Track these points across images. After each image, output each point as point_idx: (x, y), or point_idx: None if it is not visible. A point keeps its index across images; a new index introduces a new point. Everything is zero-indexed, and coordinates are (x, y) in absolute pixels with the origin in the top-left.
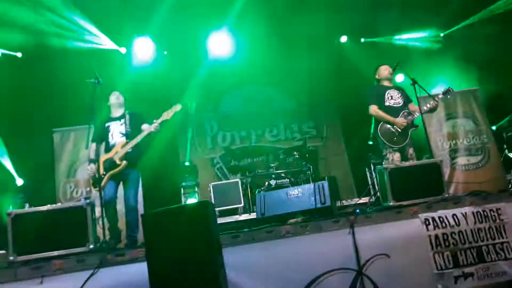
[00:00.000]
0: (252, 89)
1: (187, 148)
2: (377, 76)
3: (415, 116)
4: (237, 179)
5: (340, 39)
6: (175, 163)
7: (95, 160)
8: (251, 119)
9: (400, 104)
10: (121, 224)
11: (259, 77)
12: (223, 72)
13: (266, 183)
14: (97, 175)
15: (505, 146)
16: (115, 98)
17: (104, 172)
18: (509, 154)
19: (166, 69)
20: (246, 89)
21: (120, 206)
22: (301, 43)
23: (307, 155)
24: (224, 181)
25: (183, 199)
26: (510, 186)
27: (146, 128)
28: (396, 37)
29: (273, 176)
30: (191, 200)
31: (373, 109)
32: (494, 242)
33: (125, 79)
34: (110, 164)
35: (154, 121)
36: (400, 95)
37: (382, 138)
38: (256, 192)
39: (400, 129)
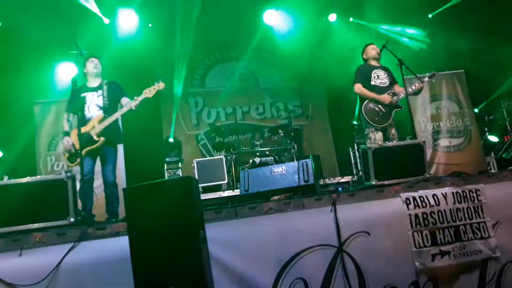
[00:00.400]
0: (238, 65)
1: (172, 124)
2: (364, 56)
3: (400, 96)
4: (222, 156)
5: (328, 17)
6: (158, 138)
7: (69, 133)
8: (237, 95)
9: (386, 84)
10: (98, 204)
11: (245, 53)
12: (209, 47)
13: (251, 160)
14: (73, 150)
15: (486, 129)
16: (93, 66)
17: (80, 148)
18: (489, 137)
19: (150, 43)
20: (232, 65)
21: (96, 182)
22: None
23: (292, 134)
24: (208, 158)
25: (166, 174)
26: (489, 168)
27: (125, 103)
28: (383, 26)
29: (257, 153)
30: (175, 176)
31: (358, 87)
32: (471, 222)
33: (107, 50)
34: (87, 140)
35: (135, 98)
36: (386, 75)
37: (365, 117)
38: (240, 169)
39: (384, 106)
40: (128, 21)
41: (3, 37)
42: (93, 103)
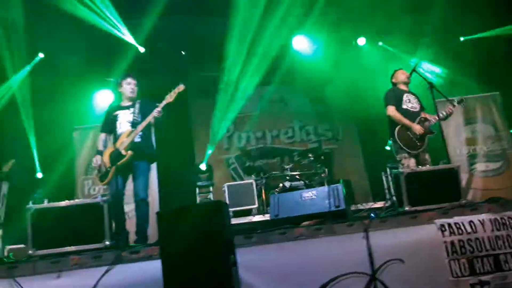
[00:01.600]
0: (267, 89)
1: (205, 147)
2: (393, 80)
3: (432, 122)
4: (252, 180)
5: (357, 40)
6: (191, 162)
7: (102, 152)
8: (266, 120)
9: (417, 109)
10: (129, 225)
11: (274, 77)
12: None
13: (281, 184)
14: (103, 169)
15: None
16: (129, 90)
17: (111, 165)
18: None
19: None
20: (262, 89)
21: (129, 206)
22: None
23: (322, 158)
24: (238, 182)
25: (198, 198)
26: None
27: (151, 113)
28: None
29: (287, 178)
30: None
31: (391, 109)
32: None
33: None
34: (116, 156)
35: (157, 105)
36: (417, 100)
37: (399, 142)
38: (270, 194)
39: (417, 135)
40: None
41: (45, 67)
42: (125, 120)
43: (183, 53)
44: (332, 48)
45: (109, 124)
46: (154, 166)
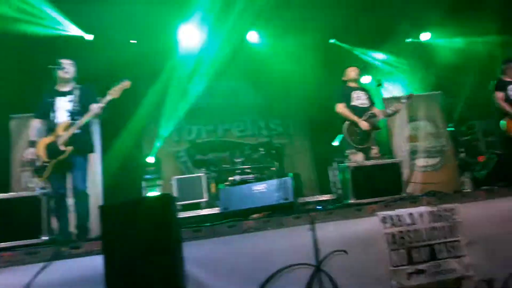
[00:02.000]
0: (219, 82)
1: (153, 140)
2: (344, 78)
3: (379, 118)
4: (202, 173)
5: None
6: (138, 155)
7: (36, 143)
8: (218, 113)
9: (366, 105)
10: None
11: (226, 70)
12: (190, 64)
13: (231, 178)
14: (39, 163)
15: (461, 150)
16: (63, 72)
17: (48, 159)
18: (465, 158)
19: (132, 58)
20: (213, 82)
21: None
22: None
23: (272, 152)
24: (188, 175)
25: (144, 192)
26: (464, 187)
27: (93, 109)
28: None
29: (238, 171)
30: (153, 194)
31: (340, 107)
32: (446, 240)
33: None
34: (54, 150)
35: (98, 99)
36: (366, 96)
37: (347, 137)
38: (220, 187)
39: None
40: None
41: None
42: (62, 108)
43: (134, 41)
44: (285, 44)
45: (44, 110)
46: (98, 158)
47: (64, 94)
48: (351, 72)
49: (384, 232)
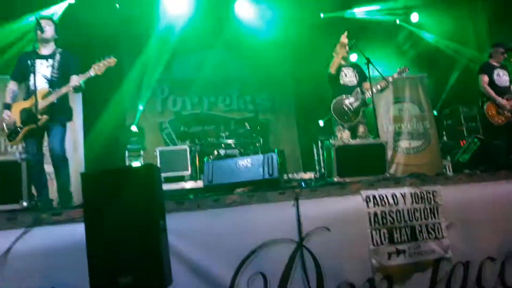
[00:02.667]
0: (206, 53)
1: (137, 110)
2: (334, 54)
3: (367, 95)
4: (186, 146)
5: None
6: (121, 124)
7: (11, 105)
8: (204, 85)
9: (354, 83)
10: (52, 186)
11: (214, 42)
12: (177, 34)
13: (215, 152)
14: (11, 126)
15: (444, 133)
16: (40, 32)
17: (21, 125)
18: (447, 141)
19: (117, 24)
20: (201, 53)
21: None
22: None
23: (258, 127)
24: (172, 147)
25: (127, 162)
26: (445, 170)
27: (73, 80)
28: (355, 10)
29: (222, 145)
30: (136, 164)
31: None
32: (427, 222)
33: (69, 28)
34: (28, 116)
35: (80, 75)
36: (354, 73)
37: (333, 114)
38: (205, 160)
39: (352, 104)
40: None
41: None
42: (40, 73)
43: (117, 6)
44: (275, 18)
45: (21, 73)
46: (80, 125)
47: (44, 57)
48: (341, 49)
49: (367, 211)
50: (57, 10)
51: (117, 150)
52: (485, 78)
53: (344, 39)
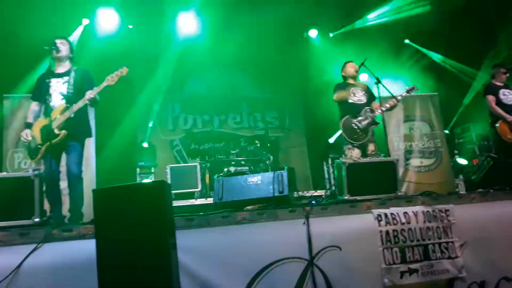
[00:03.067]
0: (217, 73)
1: (147, 128)
2: (342, 73)
3: (376, 113)
4: (196, 163)
5: (308, 32)
6: (133, 142)
7: (32, 124)
8: (215, 103)
9: (363, 102)
10: (65, 202)
11: (225, 62)
12: (190, 54)
13: (225, 169)
14: (33, 144)
15: (456, 152)
16: (55, 52)
17: (42, 141)
18: (458, 160)
19: (131, 45)
20: (212, 73)
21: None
22: (270, 32)
23: (268, 145)
24: (182, 164)
25: (138, 179)
26: (457, 189)
27: (88, 94)
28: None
29: (232, 163)
30: (147, 181)
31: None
32: (440, 241)
33: (85, 50)
34: (48, 133)
35: (94, 88)
36: (363, 92)
37: (343, 133)
38: (215, 177)
39: (362, 123)
40: (108, 21)
41: None
42: (57, 91)
43: (130, 27)
44: (284, 38)
45: (41, 92)
46: (92, 142)
47: (60, 75)
48: (350, 69)
49: (378, 229)
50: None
51: (128, 167)
52: (492, 98)
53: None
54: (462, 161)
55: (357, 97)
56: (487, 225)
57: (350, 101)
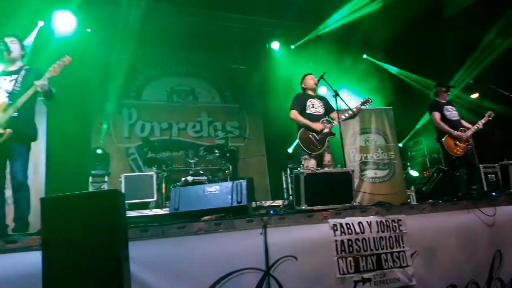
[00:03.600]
0: (178, 80)
1: (101, 134)
2: (302, 85)
3: (333, 124)
4: (152, 172)
5: (271, 44)
6: (85, 149)
7: None
8: (174, 111)
9: (321, 113)
10: (9, 212)
11: (185, 70)
12: (149, 59)
13: (183, 178)
14: None
15: (408, 164)
16: (5, 52)
17: None
18: (410, 172)
19: (87, 48)
20: (172, 80)
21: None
22: (234, 42)
23: (227, 154)
24: (137, 173)
25: (90, 187)
26: (409, 200)
27: (37, 83)
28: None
29: (191, 172)
30: (99, 190)
31: (293, 113)
32: (392, 250)
33: (42, 53)
34: None
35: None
36: (321, 104)
37: (300, 144)
38: (172, 187)
39: (319, 134)
40: (64, 23)
41: None
42: (3, 88)
43: (89, 30)
44: (245, 49)
45: None
46: (43, 147)
47: (9, 73)
48: (310, 81)
49: (333, 239)
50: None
51: (80, 175)
52: (437, 115)
53: (311, 78)
54: (414, 173)
55: (315, 108)
56: (436, 234)
57: (307, 111)
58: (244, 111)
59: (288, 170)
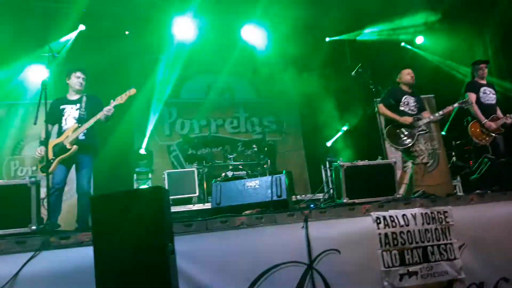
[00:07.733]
0: (214, 78)
1: (145, 134)
2: (398, 79)
3: (426, 121)
4: (193, 168)
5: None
6: (129, 148)
7: (46, 143)
8: (212, 108)
9: (415, 112)
10: (66, 212)
11: (222, 67)
12: (186, 58)
13: (223, 174)
14: (45, 161)
15: (453, 153)
16: (78, 83)
17: (54, 157)
18: (457, 162)
19: (127, 50)
20: (209, 77)
21: (69, 196)
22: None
23: (265, 149)
24: (179, 170)
25: (135, 185)
26: (455, 191)
27: (104, 110)
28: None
29: (230, 167)
30: (144, 187)
31: (381, 107)
32: (439, 243)
33: (83, 56)
34: (60, 149)
35: (107, 107)
36: (416, 103)
37: (388, 139)
38: (213, 182)
39: (407, 130)
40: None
41: None
42: (71, 116)
43: (127, 33)
44: (280, 41)
45: (54, 116)
46: None
47: (73, 102)
48: (407, 76)
49: (377, 232)
50: (69, 37)
51: (125, 173)
52: (473, 96)
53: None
54: (460, 163)
55: (409, 106)
56: (485, 226)
57: (401, 108)
58: (280, 105)
59: (327, 163)
